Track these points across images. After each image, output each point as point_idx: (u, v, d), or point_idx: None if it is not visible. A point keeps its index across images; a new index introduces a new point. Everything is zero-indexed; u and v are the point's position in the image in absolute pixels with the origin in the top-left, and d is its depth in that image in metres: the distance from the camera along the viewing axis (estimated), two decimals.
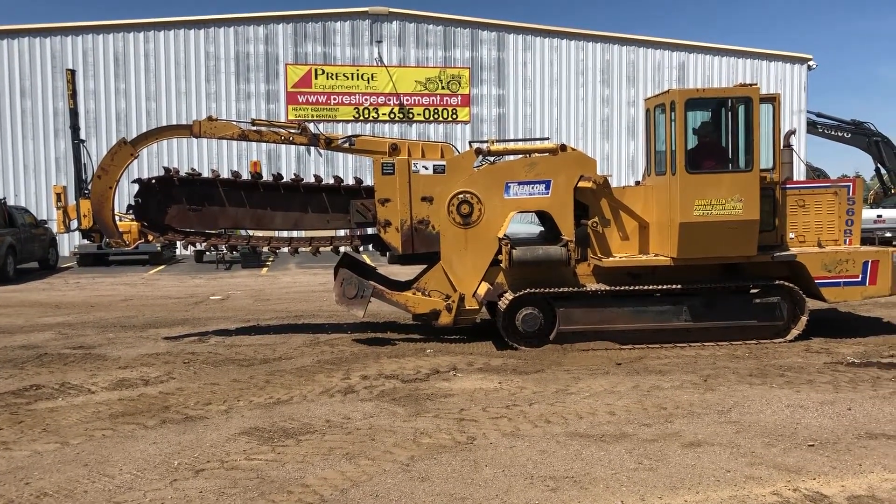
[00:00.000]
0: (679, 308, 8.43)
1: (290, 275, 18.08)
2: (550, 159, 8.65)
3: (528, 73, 27.32)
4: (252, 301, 13.19)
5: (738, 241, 8.18)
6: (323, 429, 5.55)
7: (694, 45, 28.26)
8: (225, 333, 9.78)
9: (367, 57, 26.42)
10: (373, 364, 7.74)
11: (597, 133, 27.66)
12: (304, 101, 26.10)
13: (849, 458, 4.84)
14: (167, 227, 9.15)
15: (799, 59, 28.50)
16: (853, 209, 8.86)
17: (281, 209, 9.17)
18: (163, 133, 9.52)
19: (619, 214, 8.74)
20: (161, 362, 8.02)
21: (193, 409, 6.16)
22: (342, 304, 8.82)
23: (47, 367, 7.89)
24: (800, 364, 7.49)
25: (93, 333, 9.92)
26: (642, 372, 7.25)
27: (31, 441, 5.39)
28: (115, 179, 8.88)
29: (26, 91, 24.67)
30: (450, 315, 8.62)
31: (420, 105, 26.68)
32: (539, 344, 8.38)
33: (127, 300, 13.49)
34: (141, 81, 25.22)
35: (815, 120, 28.47)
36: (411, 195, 8.57)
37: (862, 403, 6.04)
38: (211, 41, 25.62)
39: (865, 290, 8.66)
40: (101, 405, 6.32)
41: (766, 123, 8.50)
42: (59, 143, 24.46)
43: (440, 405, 6.16)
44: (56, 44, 24.79)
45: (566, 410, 5.95)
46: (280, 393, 6.63)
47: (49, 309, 12.39)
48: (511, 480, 4.53)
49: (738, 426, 5.50)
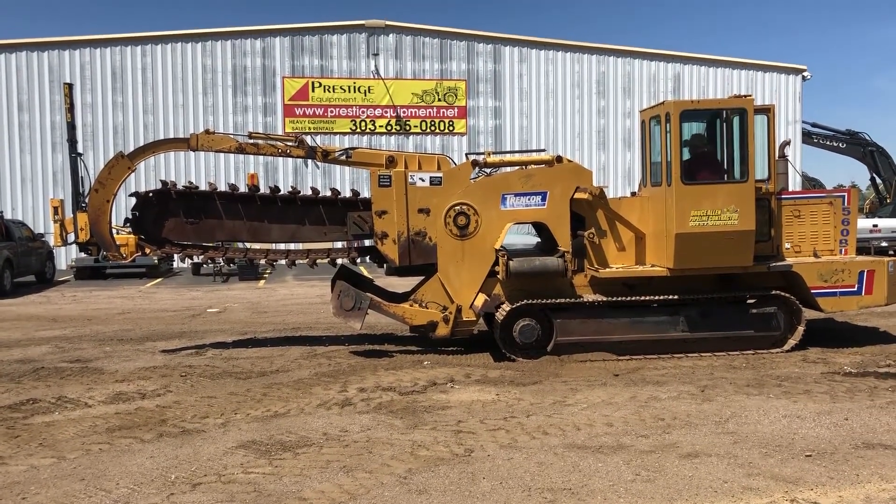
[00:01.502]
0: (676, 319, 8.45)
1: (288, 287, 18.08)
2: (546, 171, 8.69)
3: (524, 84, 27.43)
4: (249, 314, 13.18)
5: (734, 251, 8.21)
6: (320, 442, 5.54)
7: (689, 56, 28.42)
8: (222, 346, 9.77)
9: (364, 70, 26.53)
10: (370, 376, 7.73)
11: (593, 144, 27.75)
12: (302, 114, 26.18)
13: (846, 468, 4.85)
14: (164, 240, 9.15)
15: (794, 69, 28.66)
16: (848, 219, 8.90)
17: (278, 222, 9.19)
18: (160, 146, 9.55)
19: (616, 225, 8.77)
20: (158, 375, 8.00)
21: (190, 422, 6.15)
22: (339, 315, 8.82)
23: (44, 380, 7.87)
24: (797, 374, 7.50)
25: (90, 347, 9.90)
26: (640, 383, 7.26)
27: (27, 455, 5.38)
28: (113, 193, 8.91)
29: (24, 105, 24.72)
30: (447, 326, 8.63)
31: (417, 117, 26.76)
32: (536, 355, 8.38)
33: (124, 313, 13.47)
34: (138, 95, 25.29)
35: (810, 130, 28.63)
36: (408, 207, 8.59)
37: (859, 413, 6.05)
38: (208, 54, 25.72)
39: (861, 299, 8.69)
40: (97, 419, 6.30)
41: (761, 134, 8.55)
42: (57, 156, 24.47)
43: (438, 417, 6.15)
44: (53, 58, 24.86)
45: (564, 422, 5.95)
46: (277, 406, 6.62)
47: (46, 322, 12.37)
48: (509, 493, 4.52)
49: (736, 437, 5.51)
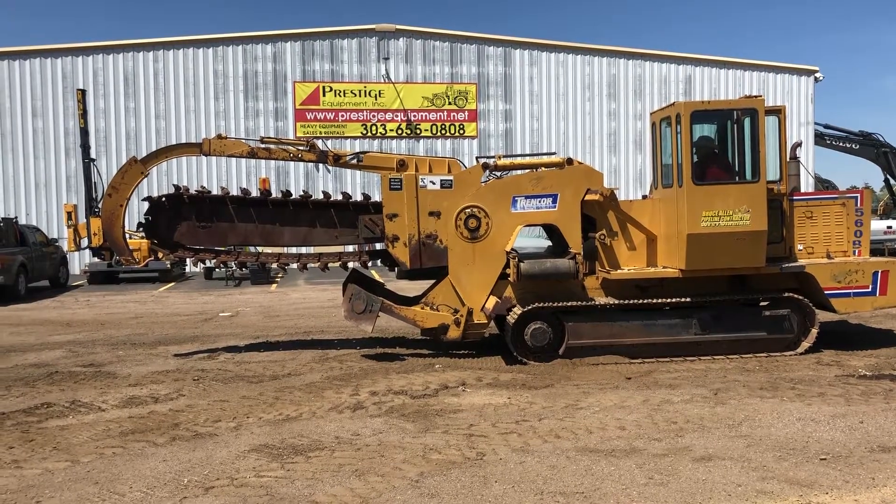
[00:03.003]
0: (688, 321, 8.40)
1: (300, 291, 18.12)
2: (557, 173, 8.68)
3: (535, 87, 27.42)
4: (261, 317, 13.22)
5: (747, 252, 8.16)
6: (332, 445, 5.55)
7: (700, 58, 28.32)
8: (234, 350, 9.80)
9: (375, 74, 26.61)
10: (382, 380, 7.74)
11: (604, 147, 27.69)
12: (313, 119, 26.28)
13: (861, 471, 4.80)
14: (177, 245, 9.21)
15: (806, 70, 28.51)
16: (861, 220, 8.84)
17: (290, 225, 9.22)
18: (173, 151, 9.59)
19: (627, 227, 8.74)
20: (171, 379, 8.04)
21: (203, 426, 6.17)
22: (351, 319, 8.83)
23: (58, 385, 7.92)
24: (811, 377, 7.44)
25: (103, 351, 9.96)
26: (652, 386, 7.22)
27: (41, 459, 5.41)
28: (126, 197, 8.97)
29: (38, 111, 24.97)
30: (458, 329, 8.62)
31: (427, 121, 26.80)
32: (548, 358, 8.36)
33: (137, 317, 13.55)
34: (150, 100, 25.49)
35: (822, 132, 28.43)
36: (419, 210, 8.60)
37: (874, 416, 5.99)
38: (220, 59, 25.88)
39: (876, 300, 8.62)
40: (111, 423, 6.34)
41: (773, 135, 8.51)
42: (70, 161, 24.69)
43: (449, 421, 6.15)
44: (67, 64, 25.09)
45: (576, 425, 5.93)
46: (289, 409, 6.63)
47: (60, 327, 12.46)
48: (521, 496, 4.51)
49: (749, 440, 5.47)
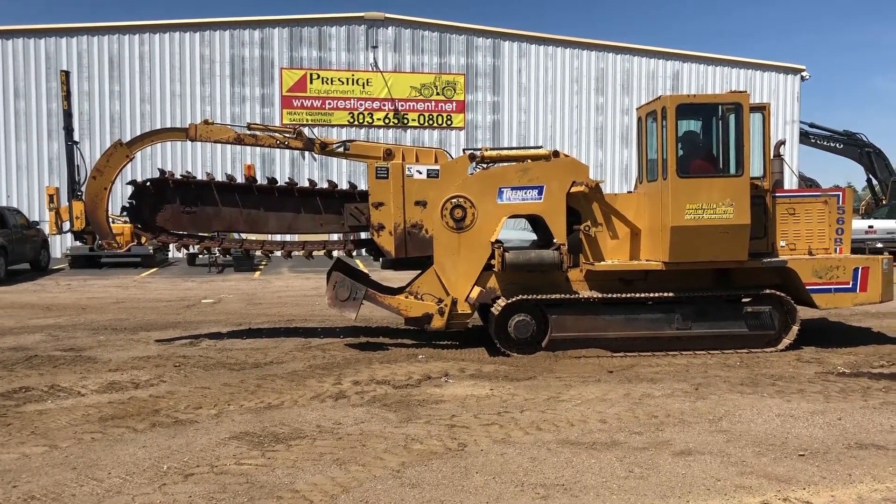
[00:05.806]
0: (671, 316, 8.45)
1: (283, 279, 18.05)
2: (543, 165, 8.68)
3: (523, 80, 27.39)
4: (244, 305, 13.15)
5: (729, 245, 8.20)
6: (314, 434, 5.53)
7: (688, 54, 28.40)
8: (216, 337, 9.75)
9: (363, 62, 26.46)
10: (364, 369, 7.73)
11: (590, 141, 27.74)
12: (299, 106, 26.10)
13: (839, 467, 4.85)
14: (161, 229, 9.13)
15: (792, 69, 28.66)
16: (843, 218, 8.91)
17: (275, 212, 9.17)
18: (158, 135, 9.52)
19: (611, 219, 8.77)
20: (152, 365, 7.99)
21: (184, 412, 6.13)
22: (334, 306, 8.80)
23: (37, 369, 7.85)
24: (791, 373, 7.51)
25: (83, 336, 9.88)
26: (634, 380, 7.26)
27: (19, 444, 5.36)
28: (110, 181, 8.88)
29: (20, 92, 24.62)
30: (442, 319, 8.62)
31: (415, 111, 26.71)
32: (531, 351, 8.38)
33: (118, 303, 13.44)
34: (135, 83, 25.20)
35: (807, 130, 28.67)
36: (405, 199, 8.57)
37: (852, 413, 6.06)
38: (206, 44, 25.62)
39: (856, 296, 8.70)
40: (90, 408, 6.29)
41: (757, 132, 8.57)
42: (53, 144, 24.38)
43: (431, 411, 6.15)
44: (50, 45, 24.74)
45: (557, 418, 5.95)
46: (271, 398, 6.60)
47: (40, 311, 12.33)
48: (502, 488, 4.52)
49: (729, 435, 5.51)
